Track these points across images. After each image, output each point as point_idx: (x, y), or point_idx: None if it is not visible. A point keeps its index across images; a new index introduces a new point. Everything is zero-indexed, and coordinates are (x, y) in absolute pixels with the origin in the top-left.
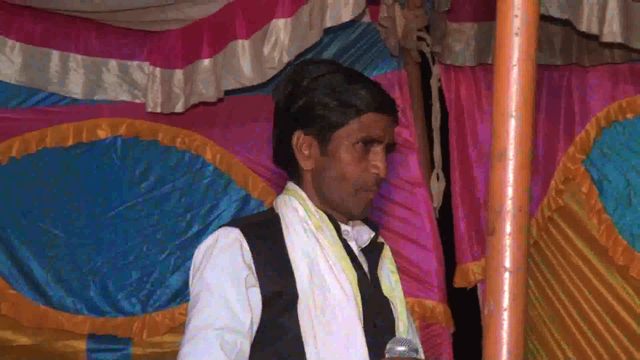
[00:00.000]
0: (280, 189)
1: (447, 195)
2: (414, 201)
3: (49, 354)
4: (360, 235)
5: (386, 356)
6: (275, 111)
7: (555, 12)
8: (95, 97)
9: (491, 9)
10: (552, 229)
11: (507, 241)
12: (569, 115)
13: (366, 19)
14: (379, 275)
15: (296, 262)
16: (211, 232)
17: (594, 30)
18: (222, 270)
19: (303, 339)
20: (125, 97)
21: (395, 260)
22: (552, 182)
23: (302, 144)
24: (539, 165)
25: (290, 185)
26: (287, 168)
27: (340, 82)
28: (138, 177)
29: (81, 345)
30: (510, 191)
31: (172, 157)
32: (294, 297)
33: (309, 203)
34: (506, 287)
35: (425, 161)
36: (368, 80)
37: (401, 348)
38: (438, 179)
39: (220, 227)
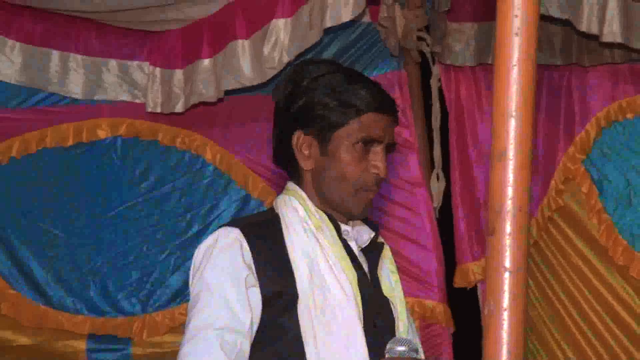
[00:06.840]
0: (280, 189)
1: (447, 195)
2: (414, 201)
3: (49, 354)
4: (360, 235)
5: (386, 356)
6: (275, 111)
7: (555, 12)
8: (95, 97)
9: (491, 9)
10: (552, 229)
11: (507, 241)
12: (569, 115)
13: (366, 19)
14: (379, 275)
15: (296, 262)
16: (211, 232)
17: (594, 30)
18: (222, 270)
19: (303, 339)
20: (125, 97)
21: (395, 260)
22: (552, 182)
23: (302, 144)
24: (539, 165)
25: (290, 185)
26: (287, 168)
27: (340, 82)
28: (138, 177)
29: (81, 345)
30: (510, 191)
31: (172, 157)
32: (294, 297)
33: (309, 203)
34: (506, 287)
35: (425, 161)
36: (368, 80)
37: (401, 348)
38: (438, 179)
39: (220, 227)
